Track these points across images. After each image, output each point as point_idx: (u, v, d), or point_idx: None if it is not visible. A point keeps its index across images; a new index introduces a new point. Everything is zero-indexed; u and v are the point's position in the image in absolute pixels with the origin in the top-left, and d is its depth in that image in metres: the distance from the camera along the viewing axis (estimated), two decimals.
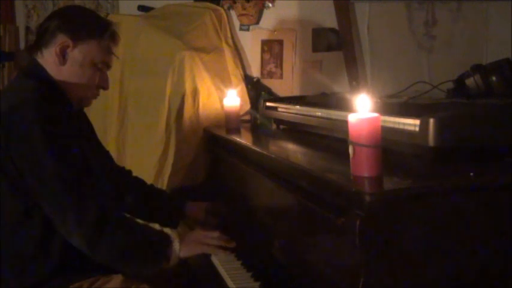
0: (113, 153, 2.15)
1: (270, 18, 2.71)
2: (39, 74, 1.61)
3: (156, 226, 1.96)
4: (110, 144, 2.47)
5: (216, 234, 1.70)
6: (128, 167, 2.06)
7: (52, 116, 1.50)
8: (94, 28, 1.64)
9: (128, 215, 1.77)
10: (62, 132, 1.50)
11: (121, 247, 1.53)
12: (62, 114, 1.54)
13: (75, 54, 1.61)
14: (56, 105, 1.54)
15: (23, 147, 1.47)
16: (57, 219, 1.50)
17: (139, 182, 2.02)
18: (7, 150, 1.48)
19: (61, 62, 1.61)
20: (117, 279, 1.57)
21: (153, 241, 1.60)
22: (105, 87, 1.72)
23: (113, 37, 1.68)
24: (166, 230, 1.92)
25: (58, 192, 1.48)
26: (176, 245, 1.59)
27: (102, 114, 2.57)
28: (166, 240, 1.60)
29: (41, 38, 1.63)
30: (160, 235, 1.64)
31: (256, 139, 2.29)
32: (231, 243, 1.68)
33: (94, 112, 1.84)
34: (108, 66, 1.70)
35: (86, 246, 1.49)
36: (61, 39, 1.60)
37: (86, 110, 1.82)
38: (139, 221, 1.82)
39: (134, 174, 2.04)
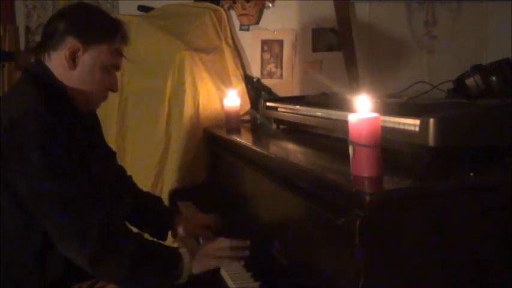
0: None
1: (270, 18, 2.72)
2: (46, 79, 1.54)
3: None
4: (110, 144, 2.47)
5: (226, 244, 1.63)
6: (128, 167, 2.05)
7: (52, 129, 1.43)
8: (105, 31, 1.58)
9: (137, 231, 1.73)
10: (61, 146, 1.43)
11: (127, 266, 1.46)
12: (65, 123, 1.46)
13: (86, 58, 1.55)
14: (59, 113, 1.46)
15: (21, 164, 1.42)
16: (55, 238, 1.45)
17: (136, 186, 1.98)
18: (7, 165, 1.44)
19: (71, 66, 1.54)
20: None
21: (161, 258, 1.53)
22: (114, 89, 1.65)
23: (124, 39, 1.62)
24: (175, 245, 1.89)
25: (55, 210, 1.42)
26: (187, 261, 1.54)
27: (102, 114, 2.57)
28: (176, 257, 1.54)
29: (48, 39, 1.55)
30: (170, 251, 1.58)
31: (256, 139, 2.29)
32: (245, 244, 1.63)
33: None
34: (117, 68, 1.64)
35: (89, 266, 1.44)
36: (71, 42, 1.53)
37: None
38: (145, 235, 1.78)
39: (135, 173, 2.02)
